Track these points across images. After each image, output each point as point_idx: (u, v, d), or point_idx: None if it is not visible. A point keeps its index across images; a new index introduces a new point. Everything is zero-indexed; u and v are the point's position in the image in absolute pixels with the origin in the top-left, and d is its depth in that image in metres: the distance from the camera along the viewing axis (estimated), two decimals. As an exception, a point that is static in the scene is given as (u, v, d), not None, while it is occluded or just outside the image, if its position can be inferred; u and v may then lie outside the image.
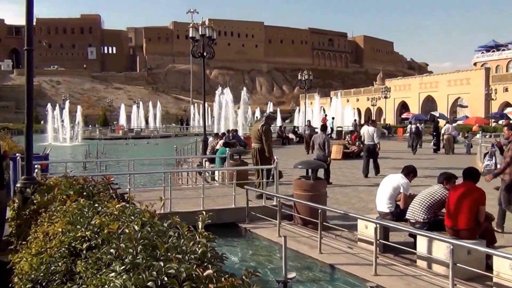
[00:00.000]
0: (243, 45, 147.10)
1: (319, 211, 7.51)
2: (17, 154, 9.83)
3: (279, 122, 55.44)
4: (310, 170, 9.68)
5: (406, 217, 7.08)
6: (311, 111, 53.57)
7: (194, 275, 1.88)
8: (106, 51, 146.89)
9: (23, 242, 4.00)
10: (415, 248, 6.79)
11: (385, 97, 62.42)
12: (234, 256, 7.77)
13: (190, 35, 20.01)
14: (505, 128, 9.36)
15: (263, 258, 7.75)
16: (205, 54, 19.85)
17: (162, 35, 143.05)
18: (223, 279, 1.93)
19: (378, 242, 6.56)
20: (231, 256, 7.53)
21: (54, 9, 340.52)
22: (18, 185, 5.81)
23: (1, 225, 5.88)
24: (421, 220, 6.78)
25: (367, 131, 15.27)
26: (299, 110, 63.23)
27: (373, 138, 15.01)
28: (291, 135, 35.42)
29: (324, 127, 14.68)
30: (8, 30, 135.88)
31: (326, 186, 9.76)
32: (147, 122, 73.99)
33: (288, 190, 11.09)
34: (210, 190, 11.59)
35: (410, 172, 7.78)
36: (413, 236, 7.05)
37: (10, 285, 3.53)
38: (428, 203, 6.81)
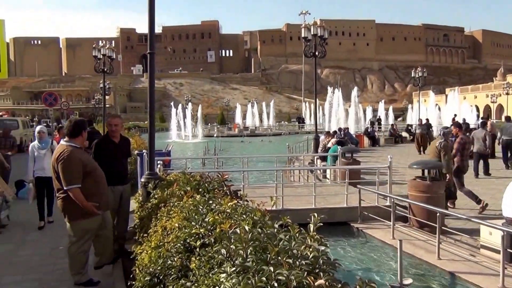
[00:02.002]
0: (354, 44, 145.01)
1: (438, 214, 7.01)
2: (143, 151, 10.56)
3: (391, 120, 53.28)
4: (426, 171, 9.13)
5: (538, 225, 6.34)
6: (425, 108, 50.66)
7: (304, 283, 1.79)
8: (223, 54, 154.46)
9: (145, 235, 4.24)
10: (548, 260, 6.03)
11: (507, 93, 57.40)
12: (346, 256, 7.58)
13: (303, 35, 20.24)
14: (452, 126, 11.31)
15: (376, 261, 7.46)
16: (316, 53, 19.92)
17: (276, 37, 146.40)
18: (335, 289, 1.82)
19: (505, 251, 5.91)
20: (342, 257, 7.36)
21: (179, 17, 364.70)
22: (142, 179, 6.23)
23: (126, 217, 6.36)
24: (556, 229, 6.01)
25: (505, 127, 16.87)
26: (412, 107, 60.45)
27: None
28: (404, 134, 33.98)
29: (484, 123, 15.93)
30: (138, 38, 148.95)
31: (444, 187, 9.10)
32: (261, 120, 75.74)
33: (401, 190, 10.61)
34: (321, 188, 11.50)
35: (544, 175, 7.00)
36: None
37: (131, 275, 3.75)
38: None
